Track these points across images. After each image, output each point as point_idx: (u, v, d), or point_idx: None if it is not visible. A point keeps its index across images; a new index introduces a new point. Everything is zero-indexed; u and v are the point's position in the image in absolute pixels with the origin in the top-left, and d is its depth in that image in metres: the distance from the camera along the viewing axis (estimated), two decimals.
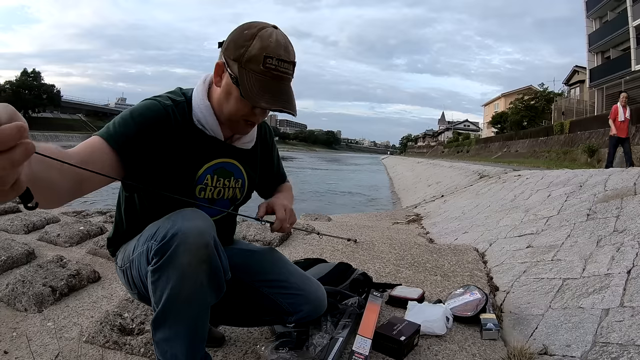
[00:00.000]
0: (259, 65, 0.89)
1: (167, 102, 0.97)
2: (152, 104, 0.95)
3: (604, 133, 11.76)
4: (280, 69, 0.91)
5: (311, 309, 1.17)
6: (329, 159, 63.55)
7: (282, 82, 0.92)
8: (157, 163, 0.95)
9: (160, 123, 0.93)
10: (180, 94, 1.01)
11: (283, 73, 0.91)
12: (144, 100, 0.98)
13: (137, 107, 0.95)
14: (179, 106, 0.98)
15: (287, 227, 1.09)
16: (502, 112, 32.14)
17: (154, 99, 0.97)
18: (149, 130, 0.91)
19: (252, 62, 0.89)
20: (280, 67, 0.90)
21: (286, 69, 0.92)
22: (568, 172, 5.06)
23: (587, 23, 20.64)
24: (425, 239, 3.58)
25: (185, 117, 0.98)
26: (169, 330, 0.89)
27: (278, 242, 2.63)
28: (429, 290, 1.94)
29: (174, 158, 0.97)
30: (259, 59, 0.88)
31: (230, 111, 0.96)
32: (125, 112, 0.93)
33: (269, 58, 0.89)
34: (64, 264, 1.88)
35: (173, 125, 0.96)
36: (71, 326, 1.45)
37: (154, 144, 0.92)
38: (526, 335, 1.48)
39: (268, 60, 0.89)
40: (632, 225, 2.17)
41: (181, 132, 0.97)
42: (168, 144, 0.95)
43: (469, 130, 57.30)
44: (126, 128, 0.89)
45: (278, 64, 0.90)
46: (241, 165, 1.11)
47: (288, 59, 0.92)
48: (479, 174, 8.35)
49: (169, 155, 0.96)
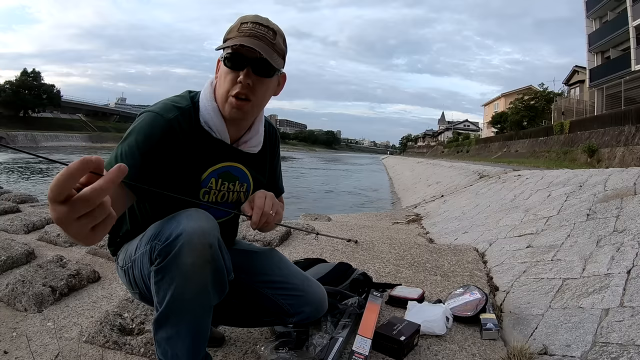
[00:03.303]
0: (236, 32, 0.93)
1: (170, 114, 0.95)
2: (154, 121, 0.94)
3: (603, 133, 11.77)
4: (255, 30, 0.93)
5: (312, 310, 1.18)
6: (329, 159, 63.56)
7: (257, 39, 0.93)
8: (164, 170, 0.95)
9: (165, 138, 0.94)
10: (187, 99, 1.01)
11: (259, 33, 0.93)
12: (148, 111, 0.96)
13: (141, 128, 0.93)
14: (185, 113, 0.98)
15: (270, 219, 0.99)
16: (502, 112, 32.14)
17: (157, 114, 0.95)
18: (155, 150, 0.92)
19: (231, 32, 0.95)
20: (255, 28, 0.93)
21: (263, 31, 0.93)
22: (568, 172, 5.06)
23: (587, 23, 20.62)
24: (425, 239, 3.58)
25: (191, 122, 0.98)
26: (171, 330, 0.89)
27: (278, 242, 2.63)
28: (429, 290, 1.94)
29: (179, 163, 0.97)
30: (237, 26, 0.94)
31: (221, 90, 0.97)
32: (130, 139, 0.92)
33: (244, 23, 0.94)
34: (64, 264, 1.89)
35: (179, 134, 0.96)
36: (71, 326, 1.45)
37: (162, 158, 0.93)
38: (526, 335, 1.48)
39: (243, 25, 0.93)
40: (632, 225, 2.17)
41: (187, 138, 0.97)
42: (174, 152, 0.96)
43: (468, 130, 57.31)
44: (133, 159, 0.90)
45: (253, 27, 0.93)
46: (247, 169, 1.11)
47: (265, 24, 0.94)
48: (479, 173, 8.35)
49: (175, 161, 0.96)
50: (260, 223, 0.98)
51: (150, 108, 0.98)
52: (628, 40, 16.85)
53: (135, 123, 0.95)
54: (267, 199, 1.00)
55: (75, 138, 47.41)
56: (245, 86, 0.94)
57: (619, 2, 17.84)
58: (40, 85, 49.02)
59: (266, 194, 1.02)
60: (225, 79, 0.96)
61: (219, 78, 0.98)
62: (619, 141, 10.56)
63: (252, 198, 1.01)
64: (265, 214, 0.98)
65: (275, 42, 0.95)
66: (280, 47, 0.97)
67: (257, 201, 0.99)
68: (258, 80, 0.95)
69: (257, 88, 0.96)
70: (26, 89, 47.12)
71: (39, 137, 41.83)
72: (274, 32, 0.95)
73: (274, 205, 1.00)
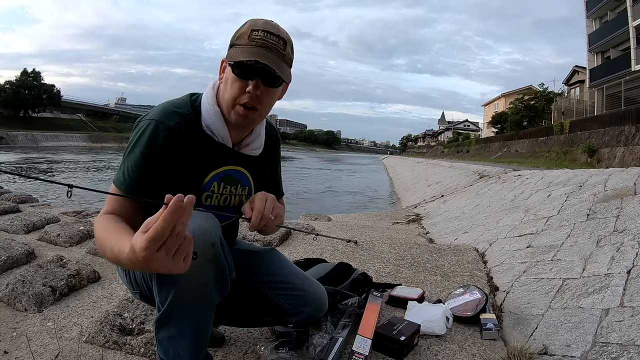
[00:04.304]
0: (246, 39, 0.92)
1: (171, 122, 0.95)
2: (156, 130, 0.94)
3: (603, 133, 11.76)
4: (267, 40, 0.92)
5: (312, 310, 1.18)
6: (329, 159, 63.57)
7: (269, 50, 0.92)
8: (168, 176, 0.96)
9: (168, 146, 0.94)
10: (188, 103, 1.01)
11: (270, 43, 0.92)
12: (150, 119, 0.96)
13: (144, 140, 0.93)
14: (186, 119, 0.98)
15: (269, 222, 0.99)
16: (502, 112, 32.12)
17: (158, 121, 0.95)
18: (159, 160, 0.94)
19: (241, 38, 0.93)
20: (266, 38, 0.92)
21: (274, 41, 0.93)
22: (568, 172, 5.06)
23: (587, 23, 20.62)
24: (425, 238, 3.58)
25: (192, 127, 0.98)
26: (173, 329, 0.89)
27: (278, 242, 2.63)
28: (429, 290, 1.94)
29: (182, 168, 0.97)
30: (247, 33, 0.93)
31: (227, 97, 0.96)
32: (135, 152, 0.93)
33: (255, 31, 0.92)
34: (64, 264, 1.89)
35: (180, 140, 0.96)
36: (71, 326, 1.45)
37: (165, 166, 0.94)
38: (526, 335, 1.48)
39: (254, 33, 0.92)
40: (632, 225, 2.17)
41: (189, 144, 0.97)
42: (177, 158, 0.96)
43: (469, 130, 57.29)
44: (139, 171, 0.93)
45: (264, 35, 0.92)
46: (248, 172, 1.11)
47: (276, 32, 0.93)
48: (479, 173, 8.35)
49: (178, 166, 0.97)
50: (258, 226, 0.98)
51: (151, 115, 0.97)
52: (628, 40, 16.84)
53: (138, 133, 0.95)
54: (268, 201, 1.00)
55: (75, 138, 47.40)
56: (254, 97, 0.94)
57: (619, 2, 17.84)
58: (40, 85, 49.00)
59: (267, 197, 1.01)
60: (232, 86, 0.95)
61: (225, 82, 0.97)
62: (619, 141, 10.56)
63: (253, 199, 1.01)
64: (265, 218, 0.97)
65: (285, 52, 0.95)
66: (289, 57, 0.97)
67: (257, 204, 0.98)
68: (266, 90, 0.95)
69: (264, 98, 0.96)
70: (26, 89, 47.09)
71: (39, 137, 41.83)
72: (284, 42, 0.94)
73: (274, 208, 1.00)
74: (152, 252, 0.64)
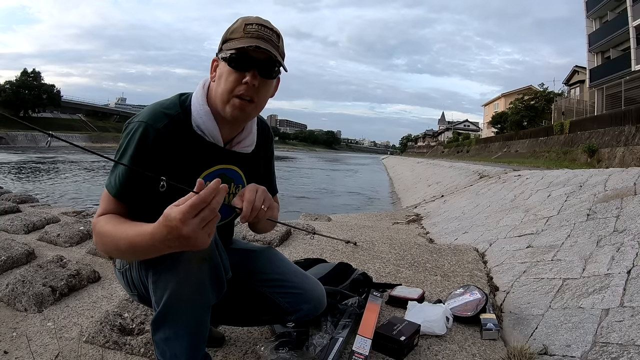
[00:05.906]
0: (241, 32, 0.93)
1: (159, 124, 0.94)
2: (145, 133, 0.93)
3: (603, 133, 11.76)
4: (262, 32, 0.92)
5: (310, 308, 1.17)
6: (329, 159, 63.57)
7: (265, 42, 0.92)
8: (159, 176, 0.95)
9: (157, 148, 0.93)
10: (177, 104, 0.99)
11: (265, 35, 0.93)
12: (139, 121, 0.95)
13: (133, 143, 0.92)
14: (175, 120, 0.96)
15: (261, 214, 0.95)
16: (502, 112, 32.12)
17: (147, 124, 0.93)
18: (149, 162, 0.92)
19: (235, 32, 0.94)
20: (261, 30, 0.93)
21: (269, 33, 0.93)
22: (568, 172, 5.06)
23: (587, 23, 20.62)
24: (425, 239, 3.58)
25: (181, 128, 0.97)
26: (169, 330, 0.89)
27: (278, 242, 2.63)
28: (429, 290, 1.94)
29: (173, 168, 0.96)
30: (241, 27, 0.93)
31: (222, 90, 0.95)
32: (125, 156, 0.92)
33: (249, 25, 0.93)
34: (64, 264, 1.88)
35: (169, 142, 0.95)
36: (71, 326, 1.45)
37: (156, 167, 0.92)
38: (526, 335, 1.48)
39: (249, 27, 0.93)
40: (632, 225, 2.17)
41: (179, 145, 0.96)
42: (168, 159, 0.95)
43: (469, 130, 57.28)
44: (129, 177, 0.92)
45: (259, 28, 0.93)
46: (242, 171, 1.10)
47: (269, 26, 0.94)
48: (479, 174, 8.35)
49: (169, 167, 0.95)
50: (250, 217, 0.93)
51: (140, 117, 0.96)
52: (628, 40, 16.84)
53: (128, 136, 0.94)
54: (259, 192, 0.95)
55: (75, 138, 47.35)
56: (251, 87, 0.93)
57: (619, 2, 17.84)
58: (40, 85, 49.01)
59: (258, 187, 0.96)
60: (227, 79, 0.94)
61: (219, 78, 0.96)
62: (619, 141, 10.55)
63: (243, 192, 0.96)
64: (256, 208, 0.93)
65: (279, 45, 0.96)
66: (283, 50, 0.98)
67: (247, 194, 0.93)
68: (263, 81, 0.95)
69: (261, 90, 0.96)
70: (26, 89, 47.11)
71: (39, 137, 41.78)
72: (277, 35, 0.95)
73: (265, 199, 0.95)
74: (189, 218, 0.72)
